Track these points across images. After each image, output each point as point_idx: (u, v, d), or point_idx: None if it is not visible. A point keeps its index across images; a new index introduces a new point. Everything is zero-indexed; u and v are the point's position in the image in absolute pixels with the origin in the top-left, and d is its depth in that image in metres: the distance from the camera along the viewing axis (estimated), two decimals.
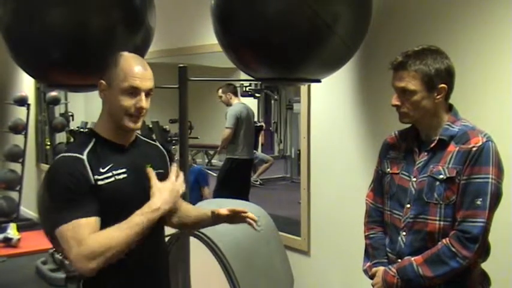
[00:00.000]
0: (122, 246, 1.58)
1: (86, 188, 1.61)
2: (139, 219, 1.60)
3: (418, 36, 2.36)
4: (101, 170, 1.65)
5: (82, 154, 1.65)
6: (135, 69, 1.65)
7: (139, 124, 1.69)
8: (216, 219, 1.91)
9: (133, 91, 1.64)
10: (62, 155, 1.67)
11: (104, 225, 1.64)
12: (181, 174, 1.76)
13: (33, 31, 2.08)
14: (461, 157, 1.73)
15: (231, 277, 2.55)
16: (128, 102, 1.64)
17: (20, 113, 6.28)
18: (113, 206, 1.65)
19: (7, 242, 5.10)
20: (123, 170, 1.69)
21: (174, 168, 1.75)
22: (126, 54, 1.70)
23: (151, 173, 1.70)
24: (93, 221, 1.59)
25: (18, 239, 5.14)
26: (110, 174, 1.66)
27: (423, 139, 1.86)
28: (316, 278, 3.03)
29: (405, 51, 1.80)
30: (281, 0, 2.07)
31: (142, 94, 1.65)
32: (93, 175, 1.63)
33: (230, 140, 5.14)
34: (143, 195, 1.70)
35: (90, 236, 1.56)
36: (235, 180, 5.16)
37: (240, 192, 4.90)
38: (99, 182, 1.63)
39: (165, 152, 1.90)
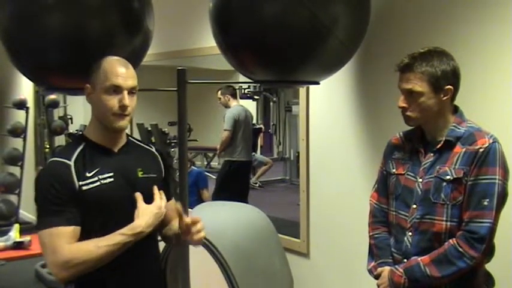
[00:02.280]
0: (97, 262, 1.60)
1: (69, 195, 1.63)
2: (120, 238, 1.62)
3: (417, 37, 2.36)
4: (87, 175, 1.67)
5: (70, 159, 1.67)
6: (116, 68, 1.69)
7: (125, 122, 1.71)
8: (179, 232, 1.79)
9: (116, 89, 1.67)
10: (51, 159, 1.71)
11: (90, 229, 1.67)
12: (164, 197, 1.77)
13: (32, 34, 2.08)
14: (468, 158, 1.75)
15: (231, 279, 2.55)
16: (111, 101, 1.67)
17: (19, 116, 6.27)
18: (98, 210, 1.67)
19: (20, 246, 5.04)
20: (110, 174, 1.71)
21: (156, 191, 1.76)
22: (108, 57, 1.74)
23: (139, 197, 1.71)
24: (71, 230, 1.61)
25: (30, 241, 5.08)
26: (95, 178, 1.68)
27: (428, 140, 1.87)
28: (316, 280, 3.03)
29: (411, 53, 1.81)
30: (279, 2, 2.08)
31: (125, 92, 1.67)
32: (79, 181, 1.65)
33: (228, 143, 5.15)
34: (130, 200, 1.71)
35: (66, 246, 1.58)
36: (234, 183, 5.16)
37: (239, 195, 4.90)
38: (84, 187, 1.65)
39: (159, 157, 1.91)
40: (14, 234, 5.17)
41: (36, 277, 4.45)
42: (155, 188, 1.76)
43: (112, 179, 1.71)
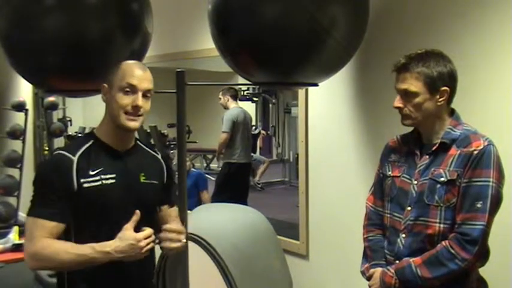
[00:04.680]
0: (63, 265, 1.66)
1: (63, 190, 1.66)
2: (88, 251, 1.63)
3: (416, 38, 2.36)
4: (90, 173, 1.70)
5: (74, 155, 1.70)
6: (134, 69, 1.73)
7: (137, 124, 1.73)
8: None
9: (131, 89, 1.70)
10: (57, 151, 1.75)
11: (87, 227, 1.70)
12: (148, 232, 1.71)
13: (31, 37, 2.08)
14: (462, 160, 1.75)
15: (230, 281, 2.55)
16: (125, 100, 1.70)
17: (18, 118, 6.27)
18: (96, 209, 1.71)
19: (19, 248, 5.02)
20: (112, 176, 1.74)
21: (147, 230, 1.71)
22: (128, 61, 1.79)
23: (135, 216, 1.71)
24: (53, 225, 1.65)
25: None
26: (97, 178, 1.71)
27: (424, 142, 1.88)
28: (315, 282, 3.03)
29: (408, 54, 1.82)
30: (278, 4, 2.08)
31: (140, 93, 1.71)
32: (80, 178, 1.68)
33: (227, 144, 5.15)
34: (130, 202, 1.75)
35: (42, 239, 1.63)
36: (234, 185, 5.16)
37: (239, 196, 4.91)
38: (85, 185, 1.68)
39: (164, 165, 1.94)
40: (13, 236, 5.15)
41: (35, 280, 4.44)
42: (146, 229, 1.72)
43: (114, 180, 1.74)
